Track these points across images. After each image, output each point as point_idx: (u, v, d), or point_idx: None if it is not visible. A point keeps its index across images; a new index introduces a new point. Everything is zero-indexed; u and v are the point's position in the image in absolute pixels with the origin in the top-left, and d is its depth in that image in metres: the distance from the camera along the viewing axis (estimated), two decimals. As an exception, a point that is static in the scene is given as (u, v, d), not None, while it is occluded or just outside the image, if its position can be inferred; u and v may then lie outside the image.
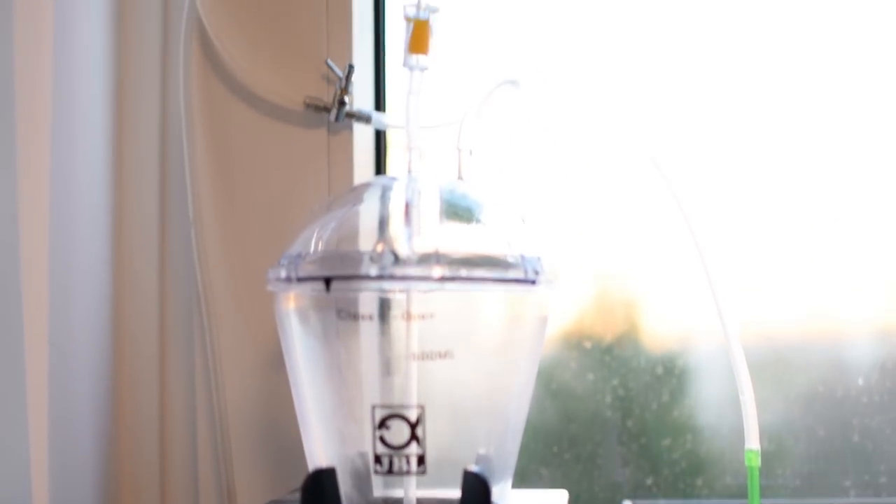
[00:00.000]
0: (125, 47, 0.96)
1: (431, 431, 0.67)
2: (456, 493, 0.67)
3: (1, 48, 0.82)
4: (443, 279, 0.67)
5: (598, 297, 1.02)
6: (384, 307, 0.69)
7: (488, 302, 0.70)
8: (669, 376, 1.00)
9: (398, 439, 0.67)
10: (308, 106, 0.91)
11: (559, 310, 0.95)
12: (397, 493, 0.70)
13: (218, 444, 0.93)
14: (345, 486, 0.69)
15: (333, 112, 0.90)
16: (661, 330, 1.02)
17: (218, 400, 0.92)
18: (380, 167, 0.97)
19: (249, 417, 0.93)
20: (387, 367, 0.70)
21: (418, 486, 0.69)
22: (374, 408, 0.68)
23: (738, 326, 0.77)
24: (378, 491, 0.70)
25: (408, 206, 0.71)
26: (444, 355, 0.69)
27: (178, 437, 0.95)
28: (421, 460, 0.67)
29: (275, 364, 0.91)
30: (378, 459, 0.67)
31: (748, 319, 0.97)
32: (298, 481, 0.70)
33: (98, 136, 0.94)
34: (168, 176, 0.97)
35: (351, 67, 0.90)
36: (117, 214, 0.96)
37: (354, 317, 0.70)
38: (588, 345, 1.01)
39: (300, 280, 0.70)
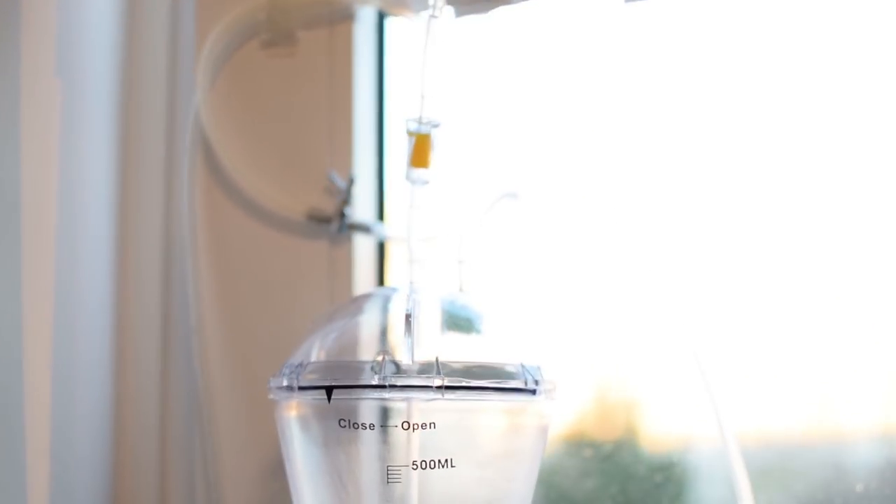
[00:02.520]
0: (130, 158, 0.98)
1: (432, 540, 0.68)
2: None
3: (8, 160, 0.84)
4: (443, 389, 0.68)
5: (598, 400, 1.02)
6: (385, 416, 0.70)
7: (488, 411, 0.71)
8: (668, 483, 1.00)
9: (399, 548, 0.68)
10: (310, 217, 0.92)
11: (559, 414, 0.95)
12: None
13: (218, 552, 0.93)
14: None
15: (335, 223, 0.92)
16: (661, 434, 1.01)
17: (218, 508, 0.93)
18: (381, 276, 0.97)
19: (249, 526, 0.93)
20: (387, 476, 0.70)
21: None
22: (374, 517, 0.68)
23: (735, 436, 0.78)
24: None
25: (408, 317, 0.71)
26: (444, 464, 0.69)
27: (177, 545, 0.95)
28: (422, 569, 0.68)
29: (275, 472, 0.91)
30: (379, 569, 0.68)
31: (749, 422, 0.96)
32: (299, 591, 0.71)
33: (102, 244, 0.95)
34: (171, 284, 0.98)
35: (352, 179, 0.92)
36: (120, 322, 0.96)
37: (355, 426, 0.70)
38: (588, 452, 1.01)
39: (301, 389, 0.70)
